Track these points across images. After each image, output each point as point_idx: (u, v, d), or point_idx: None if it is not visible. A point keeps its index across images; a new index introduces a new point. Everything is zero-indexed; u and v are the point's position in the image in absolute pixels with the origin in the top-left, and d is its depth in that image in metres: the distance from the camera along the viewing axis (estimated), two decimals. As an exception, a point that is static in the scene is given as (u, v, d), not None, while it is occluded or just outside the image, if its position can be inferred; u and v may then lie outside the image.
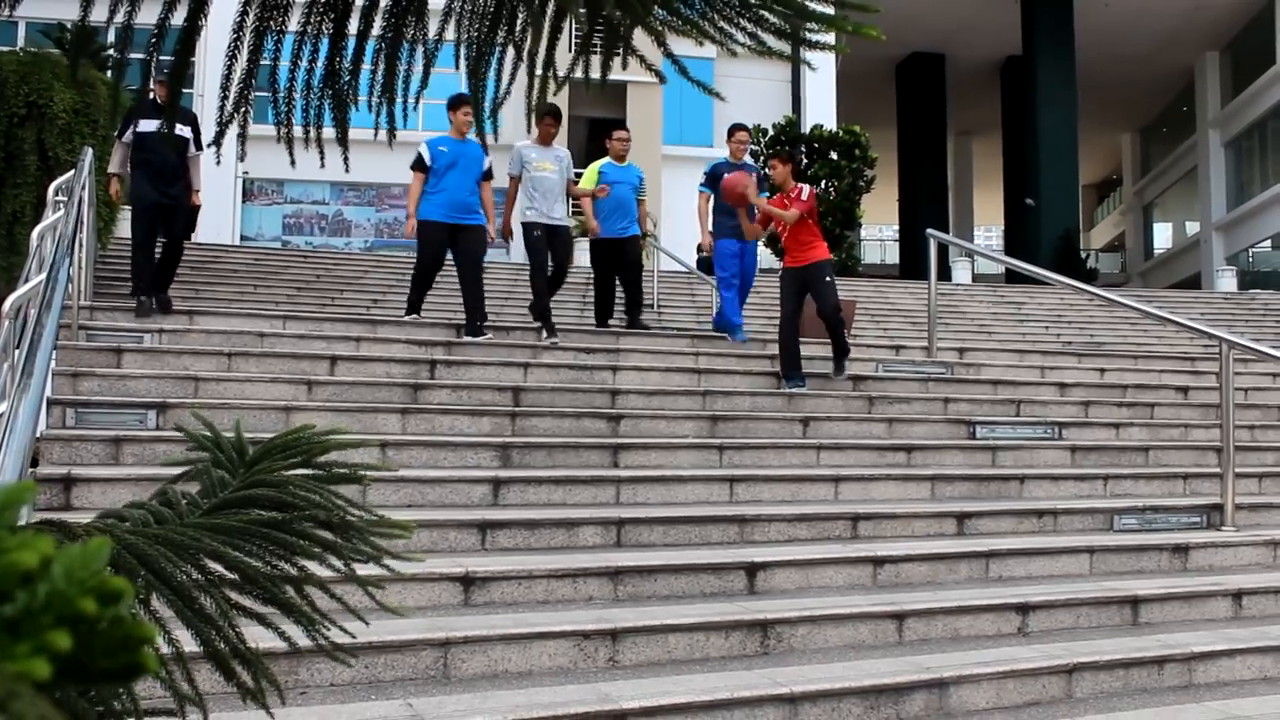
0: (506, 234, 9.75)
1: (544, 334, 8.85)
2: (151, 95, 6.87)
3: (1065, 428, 8.34)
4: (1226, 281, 25.81)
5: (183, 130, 8.38)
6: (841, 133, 12.03)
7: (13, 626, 0.46)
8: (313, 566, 1.20)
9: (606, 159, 10.23)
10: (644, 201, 10.50)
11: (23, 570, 0.47)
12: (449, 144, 8.90)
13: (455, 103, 8.75)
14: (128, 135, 8.32)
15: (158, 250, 8.85)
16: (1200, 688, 4.79)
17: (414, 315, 9.09)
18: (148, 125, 8.02)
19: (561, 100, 20.84)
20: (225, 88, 1.15)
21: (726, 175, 9.06)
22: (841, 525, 5.92)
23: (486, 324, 8.80)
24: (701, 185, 10.04)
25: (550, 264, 9.56)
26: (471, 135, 8.33)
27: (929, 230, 10.58)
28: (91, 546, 0.49)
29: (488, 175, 9.03)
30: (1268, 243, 33.08)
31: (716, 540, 5.59)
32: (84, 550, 0.49)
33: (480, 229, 8.92)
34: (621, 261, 10.06)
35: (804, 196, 8.33)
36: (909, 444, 7.44)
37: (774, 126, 12.29)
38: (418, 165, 8.95)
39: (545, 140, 9.37)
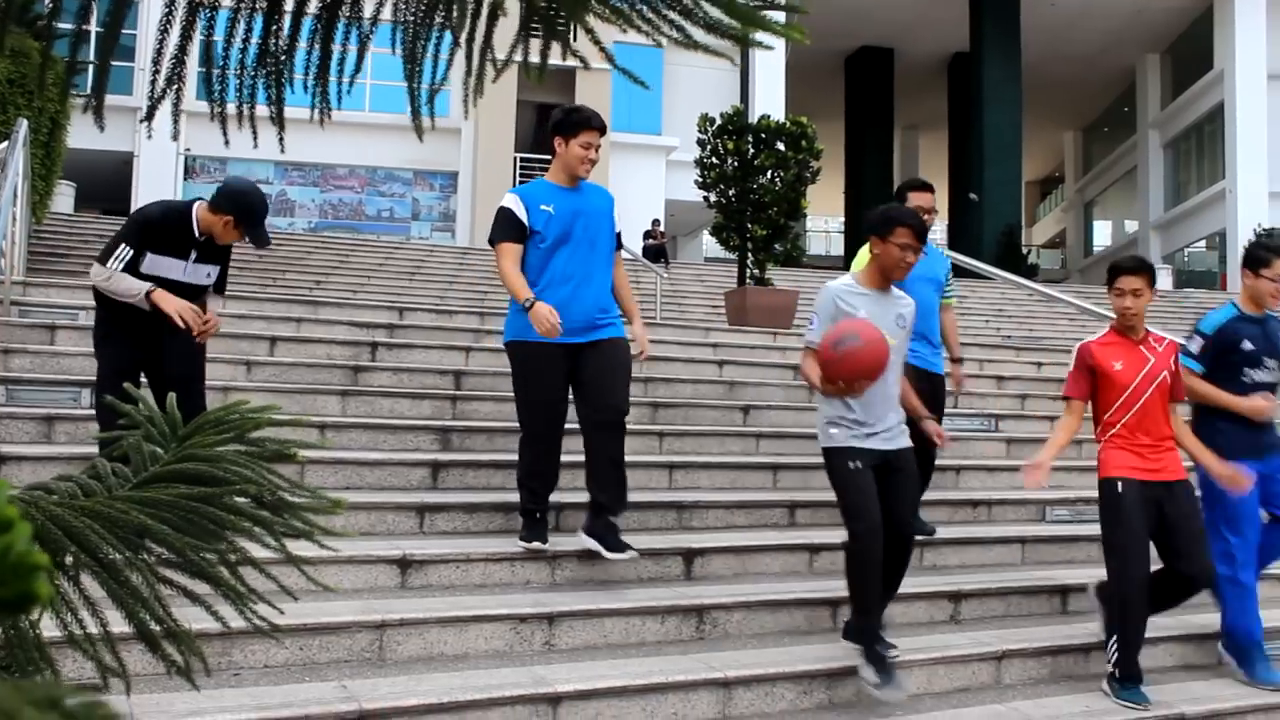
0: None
1: None
2: (182, 215, 4.76)
3: (1002, 420, 8.48)
4: (1162, 280, 26.32)
5: (209, 270, 4.92)
6: (789, 124, 12.08)
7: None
8: (246, 545, 1.21)
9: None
10: None
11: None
12: (555, 195, 4.91)
13: (573, 124, 4.92)
14: (122, 256, 4.64)
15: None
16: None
17: (540, 542, 4.78)
18: (168, 266, 4.74)
19: (508, 85, 20.76)
20: (158, 62, 1.15)
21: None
22: (779, 513, 5.98)
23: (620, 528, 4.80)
24: (1190, 355, 5.06)
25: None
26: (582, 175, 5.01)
27: (872, 223, 10.66)
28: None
29: (618, 242, 5.13)
30: (1202, 243, 33.75)
31: (655, 526, 5.62)
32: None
33: (622, 341, 4.92)
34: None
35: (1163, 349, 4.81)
36: (848, 434, 7.51)
37: (721, 116, 12.31)
38: (505, 232, 4.86)
39: (880, 281, 4.48)
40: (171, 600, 1.19)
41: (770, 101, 27.22)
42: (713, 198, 12.21)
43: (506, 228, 4.86)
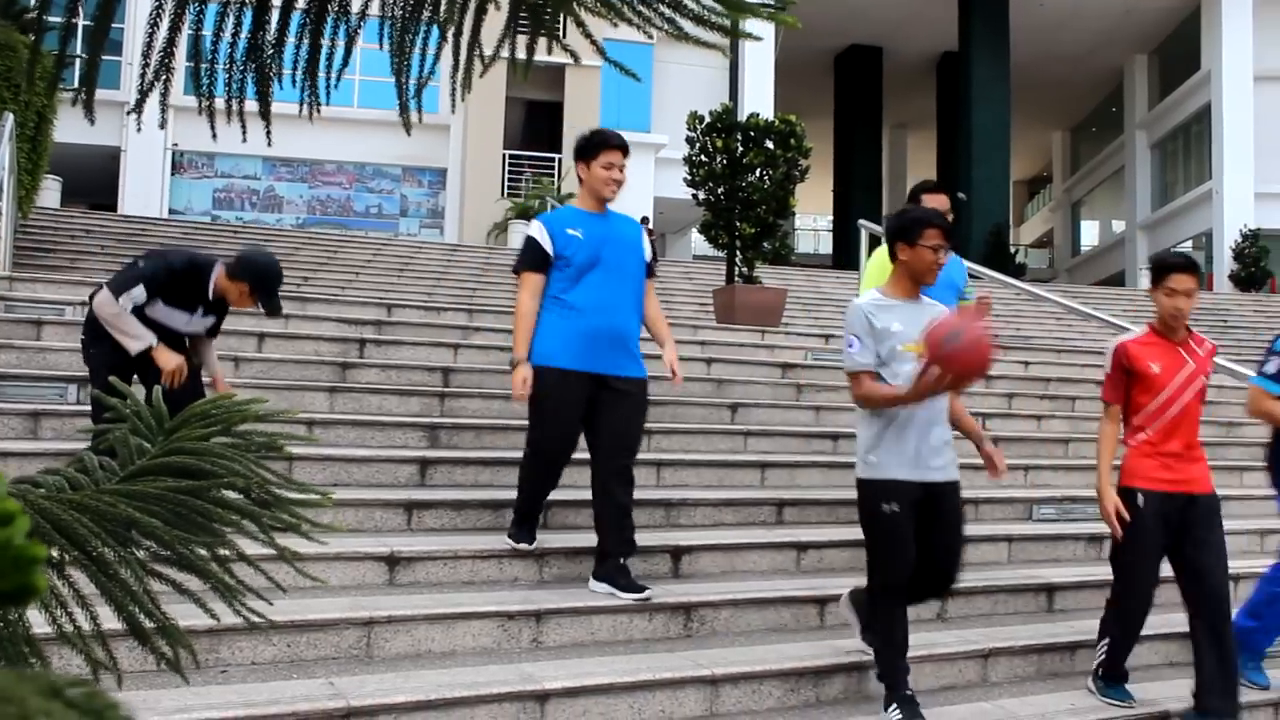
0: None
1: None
2: (203, 273, 4.79)
3: (989, 418, 8.50)
4: (1149, 280, 26.37)
5: (209, 322, 4.99)
6: (778, 122, 12.09)
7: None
8: (234, 539, 1.21)
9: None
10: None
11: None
12: (583, 220, 4.82)
13: (592, 146, 4.85)
14: (135, 297, 4.67)
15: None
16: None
17: (525, 543, 4.84)
18: (174, 317, 4.79)
19: (497, 82, 20.69)
20: (147, 55, 1.15)
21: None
22: (767, 511, 5.99)
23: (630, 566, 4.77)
24: (1267, 376, 4.83)
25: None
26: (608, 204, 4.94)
27: (861, 221, 10.71)
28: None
29: (650, 271, 5.00)
30: (1189, 243, 33.86)
31: (643, 524, 5.61)
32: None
33: (643, 384, 4.83)
34: None
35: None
36: (835, 431, 7.53)
37: (710, 114, 12.32)
38: (527, 261, 4.79)
39: (910, 289, 4.22)
40: (160, 595, 1.19)
41: (759, 100, 27.25)
42: (701, 195, 12.21)
43: (528, 256, 4.78)
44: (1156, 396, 4.38)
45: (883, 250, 5.58)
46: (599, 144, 4.82)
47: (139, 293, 4.64)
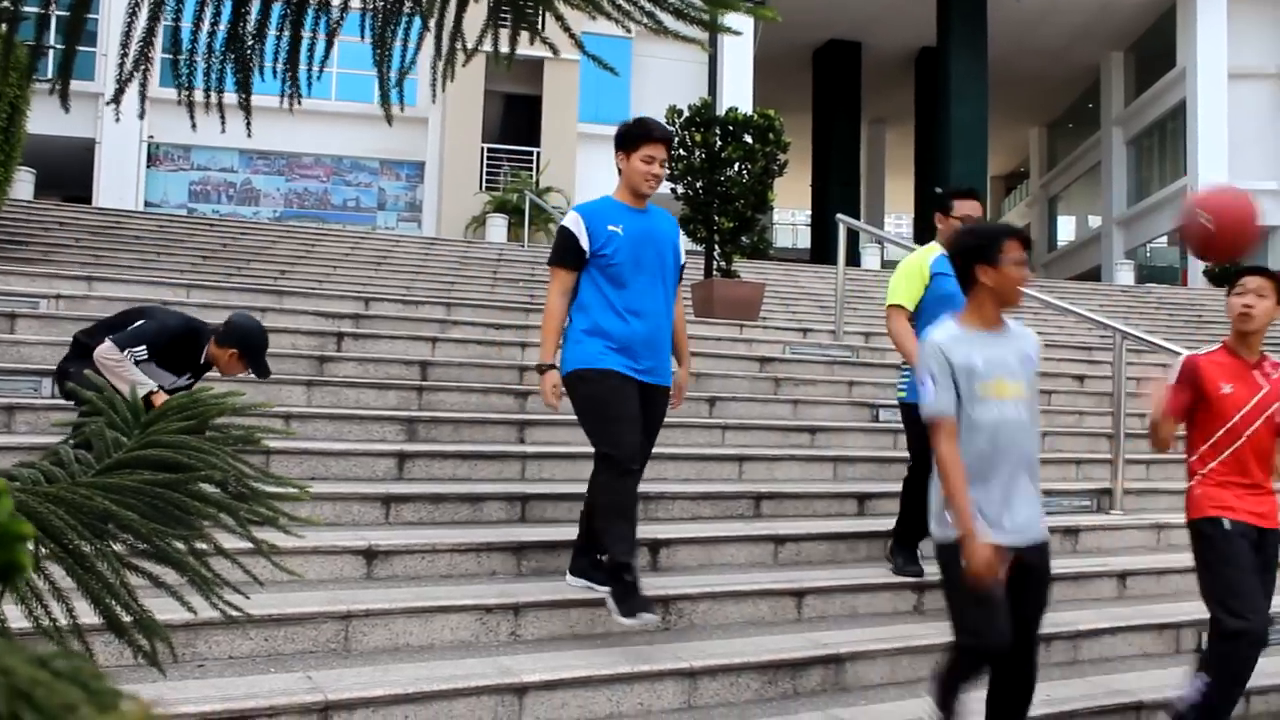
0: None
1: None
2: (199, 341, 4.92)
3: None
4: (1125, 275, 26.63)
5: (185, 383, 4.98)
6: (756, 116, 12.10)
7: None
8: (212, 532, 1.20)
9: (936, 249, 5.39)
10: None
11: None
12: (622, 215, 4.46)
13: (633, 137, 4.50)
14: (137, 355, 4.73)
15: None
16: (1085, 663, 4.97)
17: (647, 614, 4.12)
18: (162, 376, 4.85)
19: (476, 75, 20.57)
20: (125, 44, 1.14)
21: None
22: (745, 504, 6.00)
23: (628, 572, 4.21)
24: None
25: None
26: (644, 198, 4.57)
27: (839, 215, 10.72)
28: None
29: (680, 274, 4.67)
30: (1164, 239, 34.09)
31: (622, 517, 5.62)
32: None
33: (667, 393, 4.58)
34: None
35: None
36: (813, 425, 7.55)
37: (689, 108, 12.31)
38: (560, 256, 4.45)
39: (994, 318, 3.65)
40: (137, 589, 1.19)
41: (738, 94, 27.23)
42: (680, 190, 12.21)
43: (562, 251, 4.41)
44: (1226, 422, 4.00)
45: (915, 258, 5.33)
46: (640, 135, 4.47)
47: (141, 352, 4.70)
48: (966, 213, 5.23)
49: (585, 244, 4.36)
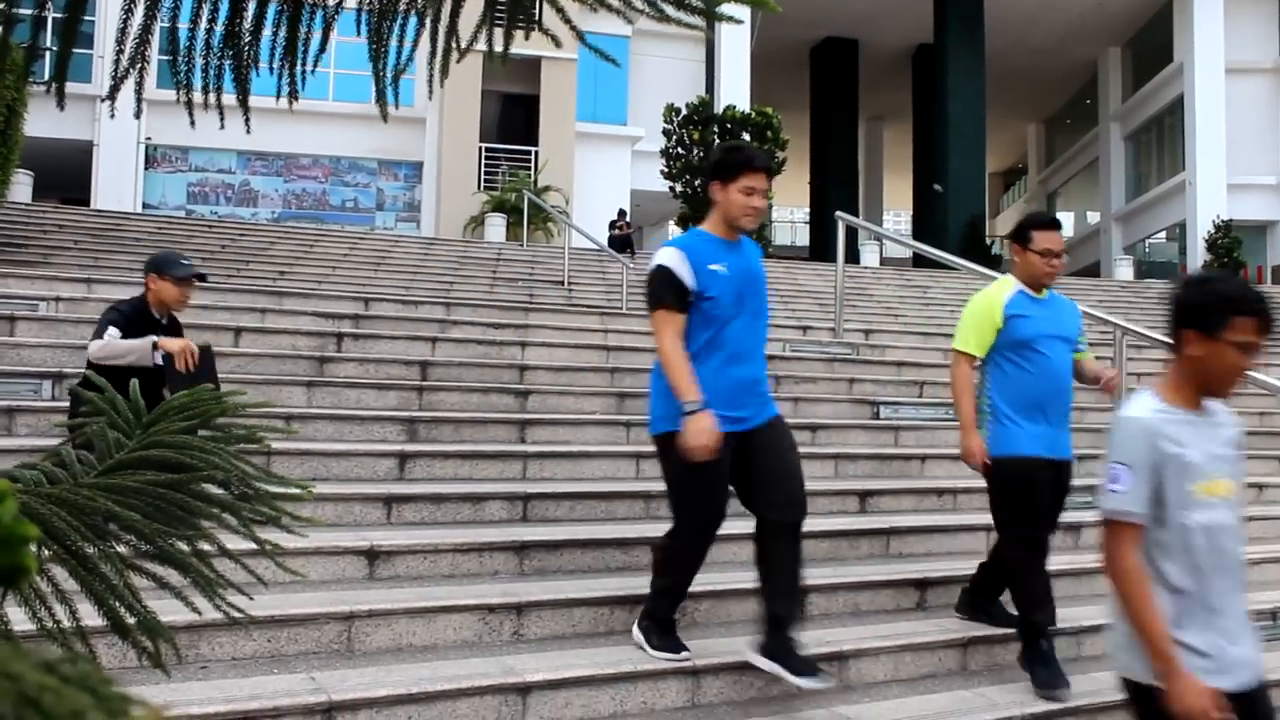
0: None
1: None
2: (138, 301, 5.14)
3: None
4: (1124, 270, 26.66)
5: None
6: (754, 114, 12.10)
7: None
8: (214, 532, 1.20)
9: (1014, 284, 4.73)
10: None
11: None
12: (723, 253, 4.05)
13: (732, 165, 4.06)
14: (113, 335, 4.92)
15: None
16: (1087, 660, 4.96)
17: (684, 652, 4.09)
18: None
19: (473, 75, 20.59)
20: (121, 42, 1.13)
21: None
22: (747, 502, 5.98)
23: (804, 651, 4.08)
24: None
25: None
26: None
27: (838, 213, 10.71)
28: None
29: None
30: (1163, 234, 34.11)
31: (622, 516, 5.63)
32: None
33: (784, 420, 4.21)
34: None
35: None
36: (814, 423, 7.55)
37: (687, 106, 12.31)
38: (664, 298, 3.95)
39: (1196, 400, 2.75)
40: (140, 590, 1.18)
41: (735, 92, 27.21)
42: (678, 188, 12.21)
43: (665, 291, 3.91)
44: None
45: (985, 297, 4.71)
46: (740, 164, 4.01)
47: (115, 334, 4.92)
48: (1048, 246, 4.61)
49: (689, 280, 3.92)
